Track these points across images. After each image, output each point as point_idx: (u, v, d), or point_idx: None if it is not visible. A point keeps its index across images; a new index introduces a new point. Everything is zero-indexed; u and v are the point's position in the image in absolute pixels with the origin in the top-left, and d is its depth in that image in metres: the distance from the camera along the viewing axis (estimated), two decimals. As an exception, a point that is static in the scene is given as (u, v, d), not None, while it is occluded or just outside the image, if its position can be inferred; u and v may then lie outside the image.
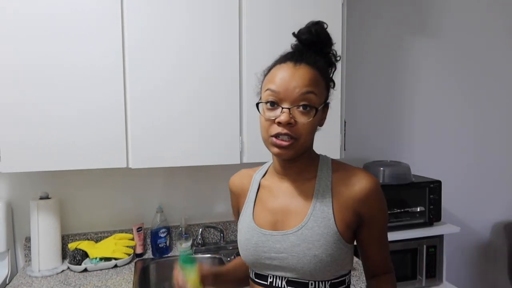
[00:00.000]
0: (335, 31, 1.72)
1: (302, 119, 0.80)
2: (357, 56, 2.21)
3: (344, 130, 1.81)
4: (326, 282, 0.85)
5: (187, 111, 1.59)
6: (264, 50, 1.64)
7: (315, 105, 0.81)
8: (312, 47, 0.85)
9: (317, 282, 0.84)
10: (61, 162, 1.48)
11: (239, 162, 1.66)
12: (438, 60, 2.40)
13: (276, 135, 0.80)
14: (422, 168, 2.37)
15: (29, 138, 1.44)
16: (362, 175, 0.87)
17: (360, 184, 0.85)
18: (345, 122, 1.81)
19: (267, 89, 0.82)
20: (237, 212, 1.04)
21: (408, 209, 1.96)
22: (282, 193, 0.90)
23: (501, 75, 2.55)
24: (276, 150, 0.82)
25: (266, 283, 0.89)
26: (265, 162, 1.04)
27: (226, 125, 1.64)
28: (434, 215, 2.00)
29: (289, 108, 0.79)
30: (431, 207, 1.99)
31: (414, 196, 1.98)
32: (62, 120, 1.47)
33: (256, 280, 0.92)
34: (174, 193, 1.95)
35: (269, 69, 0.87)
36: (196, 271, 0.93)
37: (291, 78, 0.80)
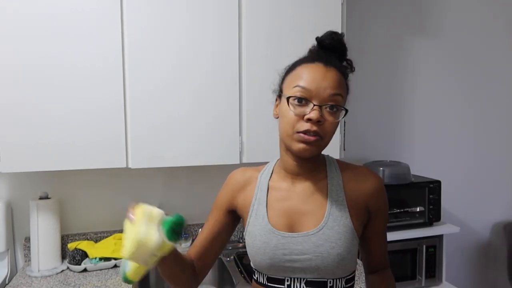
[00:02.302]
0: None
1: (330, 118, 0.82)
2: (357, 56, 2.19)
3: (344, 130, 1.81)
4: (343, 279, 0.88)
5: (187, 111, 1.59)
6: (264, 50, 1.64)
7: (342, 105, 0.85)
8: (332, 52, 0.89)
9: (334, 280, 0.87)
10: (60, 162, 1.48)
11: (238, 162, 1.66)
12: (438, 60, 2.40)
13: (305, 132, 0.81)
14: (421, 168, 2.36)
15: (28, 138, 1.44)
16: (369, 173, 0.93)
17: (369, 181, 0.90)
18: (344, 122, 1.81)
19: (296, 86, 0.83)
20: (223, 206, 0.98)
21: (407, 209, 1.96)
22: (296, 194, 0.90)
23: (501, 75, 2.55)
24: (301, 145, 0.82)
25: (283, 286, 0.88)
26: (265, 162, 1.03)
27: (226, 125, 1.64)
28: (433, 215, 2.00)
29: (320, 106, 0.81)
30: (431, 207, 1.99)
31: (414, 196, 1.98)
32: (62, 120, 1.47)
33: (270, 284, 0.90)
34: (173, 193, 1.95)
35: (294, 66, 0.88)
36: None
37: (322, 78, 0.82)
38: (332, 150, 1.75)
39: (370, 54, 2.25)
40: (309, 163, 0.90)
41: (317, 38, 0.90)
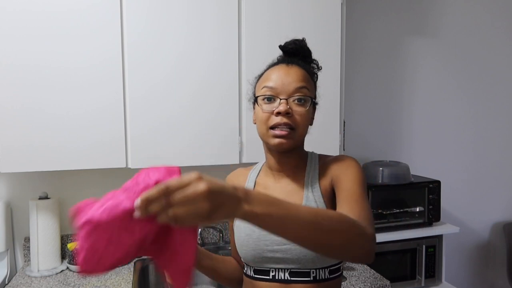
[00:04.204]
0: (334, 31, 1.73)
1: (298, 109, 0.87)
2: (356, 56, 2.21)
3: (344, 130, 1.81)
4: (326, 269, 0.89)
5: (187, 111, 1.59)
6: (263, 50, 1.64)
7: (309, 96, 0.89)
8: (296, 56, 0.95)
9: (317, 270, 0.88)
10: (60, 162, 1.48)
11: (238, 162, 1.66)
12: (437, 60, 2.41)
13: (275, 126, 0.87)
14: (421, 168, 2.37)
15: (28, 138, 1.44)
16: (342, 155, 0.96)
17: (338, 159, 0.94)
18: (344, 122, 1.81)
19: (264, 87, 0.90)
20: None
21: (407, 209, 1.96)
22: (278, 189, 0.95)
23: (500, 75, 2.56)
24: (276, 140, 0.87)
25: (268, 277, 0.91)
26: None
27: (225, 125, 1.64)
28: (433, 215, 2.00)
29: (286, 99, 0.87)
30: (430, 207, 2.00)
31: (413, 196, 1.98)
32: (61, 120, 1.47)
33: (257, 276, 0.93)
34: (173, 193, 1.95)
35: (262, 73, 0.95)
36: None
37: (286, 75, 0.89)
38: (332, 150, 1.75)
39: (370, 54, 2.25)
40: (289, 159, 0.94)
41: (280, 46, 0.96)
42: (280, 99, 0.87)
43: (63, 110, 1.47)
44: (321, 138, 1.73)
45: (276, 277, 0.90)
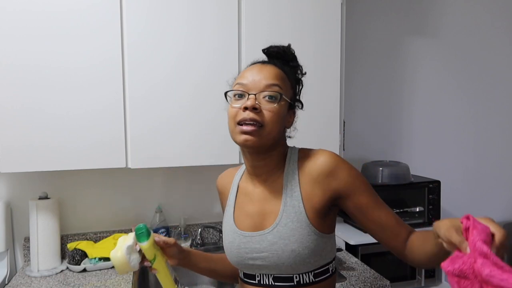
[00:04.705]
0: (334, 31, 1.73)
1: (267, 106, 0.84)
2: (356, 56, 2.21)
3: (344, 130, 1.81)
4: (310, 273, 0.88)
5: (187, 111, 1.59)
6: (263, 50, 1.64)
7: (281, 93, 0.86)
8: (279, 59, 0.93)
9: (300, 275, 0.87)
10: (60, 162, 1.48)
11: (238, 162, 1.65)
12: (437, 60, 2.41)
13: (242, 121, 0.83)
14: (421, 168, 2.37)
15: (28, 138, 1.44)
16: (319, 153, 0.89)
17: (318, 161, 0.87)
18: (344, 122, 1.81)
19: (236, 83, 0.89)
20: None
21: (407, 209, 1.96)
22: (257, 195, 0.93)
23: (500, 74, 2.56)
24: (242, 137, 0.84)
25: (254, 281, 0.92)
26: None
27: (225, 125, 1.63)
28: (433, 215, 2.00)
29: (255, 94, 0.84)
30: (430, 207, 2.00)
31: (413, 196, 1.98)
32: (61, 120, 1.47)
33: (246, 279, 0.95)
34: (173, 193, 1.95)
35: (239, 73, 0.96)
36: (149, 244, 0.92)
37: (258, 72, 0.87)
38: (332, 150, 1.72)
39: (369, 54, 2.26)
40: (263, 162, 0.90)
41: (263, 50, 0.95)
42: (249, 94, 0.84)
43: (63, 110, 1.47)
44: (321, 138, 1.73)
45: (262, 282, 0.91)
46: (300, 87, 0.97)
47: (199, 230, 1.92)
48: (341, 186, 0.85)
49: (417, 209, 1.98)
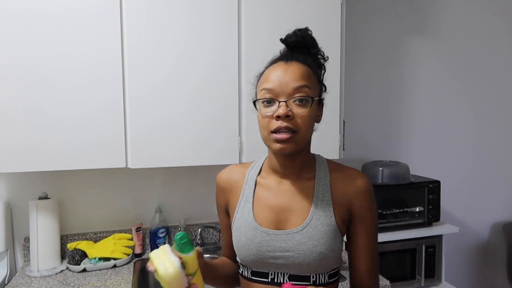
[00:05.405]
0: (334, 31, 1.73)
1: (299, 111, 0.83)
2: (356, 56, 2.21)
3: (344, 130, 1.81)
4: (326, 274, 0.89)
5: (186, 111, 1.59)
6: (263, 50, 1.63)
7: (310, 95, 0.84)
8: (299, 48, 0.90)
9: (317, 275, 0.88)
10: (60, 162, 1.48)
11: (238, 162, 1.66)
12: (437, 60, 2.41)
13: (276, 130, 0.82)
14: (421, 168, 2.37)
15: (28, 138, 1.44)
16: (358, 175, 0.92)
17: (356, 182, 0.90)
18: (344, 122, 1.81)
19: (262, 89, 0.85)
20: (223, 209, 1.02)
21: (407, 209, 1.96)
22: (283, 191, 0.91)
23: (500, 74, 2.56)
24: (278, 145, 0.83)
25: (266, 280, 0.90)
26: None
27: (225, 125, 1.64)
28: (433, 215, 2.00)
29: (285, 101, 0.82)
30: (430, 207, 2.00)
31: (413, 196, 1.98)
32: (61, 120, 1.47)
33: (254, 278, 0.92)
34: (173, 193, 1.95)
35: (262, 72, 0.91)
36: (194, 255, 0.80)
37: (283, 74, 0.84)
38: (332, 150, 1.75)
39: (369, 54, 2.25)
40: (294, 162, 0.90)
41: (281, 39, 0.92)
42: (279, 102, 0.82)
43: (63, 110, 1.47)
44: (321, 138, 1.72)
45: (275, 280, 0.89)
46: (323, 71, 0.95)
47: (199, 230, 1.92)
48: (358, 211, 0.90)
49: (417, 209, 1.98)
